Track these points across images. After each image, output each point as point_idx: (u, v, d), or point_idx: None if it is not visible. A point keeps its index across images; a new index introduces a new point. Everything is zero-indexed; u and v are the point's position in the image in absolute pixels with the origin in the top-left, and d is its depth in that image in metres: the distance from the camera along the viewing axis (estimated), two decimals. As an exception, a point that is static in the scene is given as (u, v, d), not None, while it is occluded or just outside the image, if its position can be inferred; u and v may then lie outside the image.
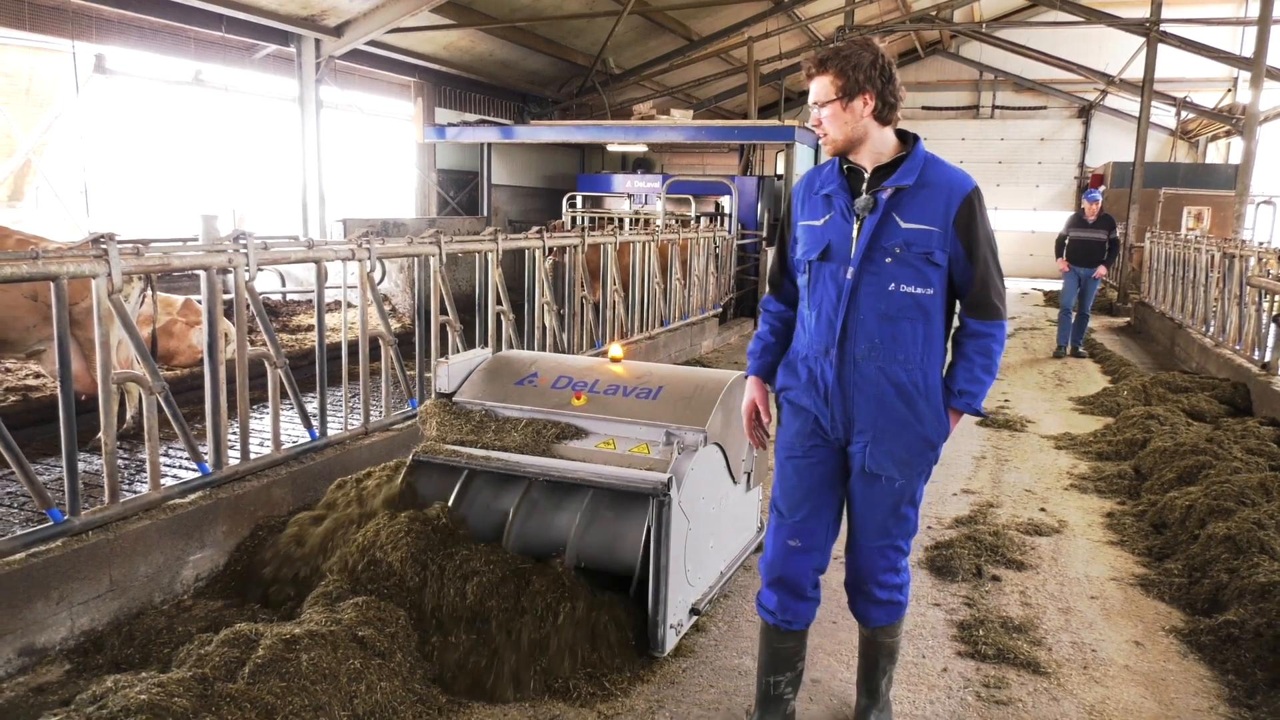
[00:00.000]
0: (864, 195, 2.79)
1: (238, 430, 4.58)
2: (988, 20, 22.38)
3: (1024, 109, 26.29)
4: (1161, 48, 16.54)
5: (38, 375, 7.26)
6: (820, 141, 2.83)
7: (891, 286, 2.76)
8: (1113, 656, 3.86)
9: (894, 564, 3.00)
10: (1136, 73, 18.11)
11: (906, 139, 2.84)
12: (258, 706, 2.76)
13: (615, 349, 4.53)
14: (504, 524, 3.88)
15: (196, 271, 4.37)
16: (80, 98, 11.27)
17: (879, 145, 2.79)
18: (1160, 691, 3.59)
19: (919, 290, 2.76)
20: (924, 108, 26.92)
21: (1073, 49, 22.83)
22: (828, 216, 2.86)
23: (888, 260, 2.75)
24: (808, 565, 3.01)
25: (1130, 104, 21.76)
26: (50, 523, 3.56)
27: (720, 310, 12.26)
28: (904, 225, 2.74)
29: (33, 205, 11.83)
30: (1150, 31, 16.42)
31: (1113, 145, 24.75)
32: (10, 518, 4.58)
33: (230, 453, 4.48)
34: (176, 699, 2.67)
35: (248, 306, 4.50)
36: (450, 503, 3.97)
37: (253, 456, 4.59)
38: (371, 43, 13.99)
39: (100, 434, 3.86)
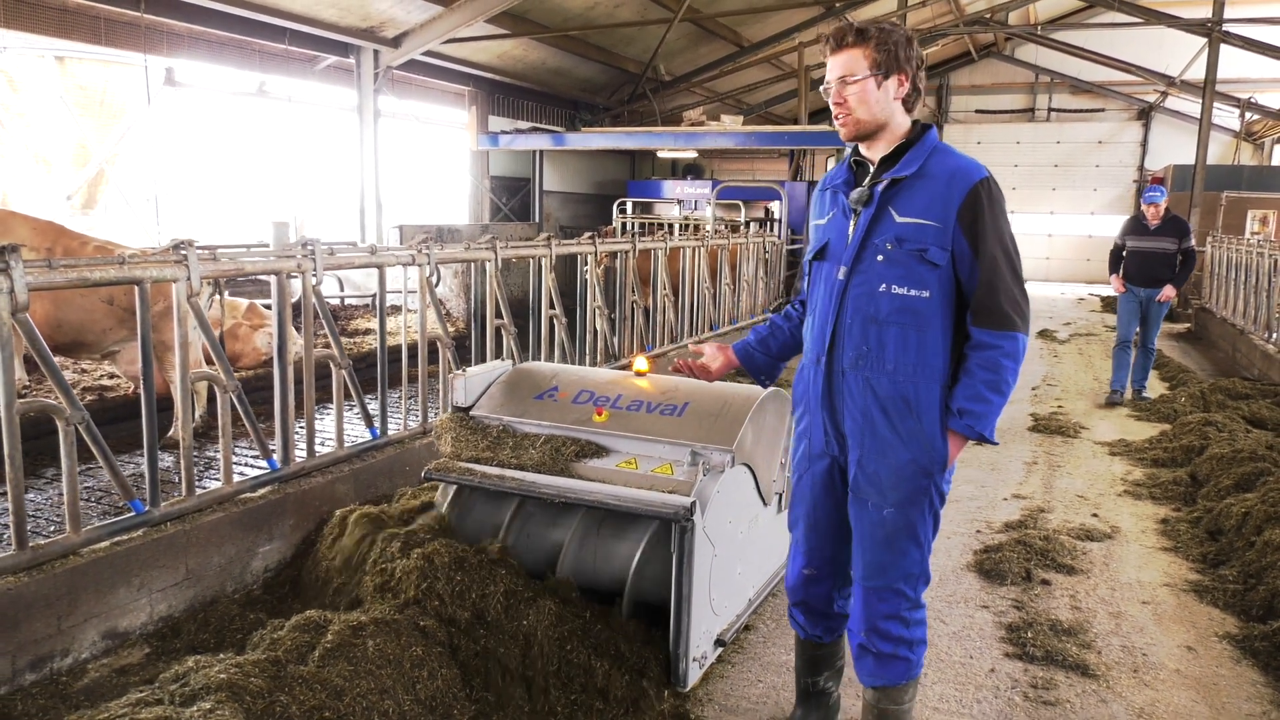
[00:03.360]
0: (861, 188, 2.59)
1: (304, 429, 4.77)
2: (1043, 22, 22.06)
3: (1081, 111, 25.83)
4: (1224, 48, 16.20)
5: (112, 376, 7.58)
6: (837, 123, 2.57)
7: (881, 288, 2.52)
8: (1163, 661, 3.85)
9: (895, 611, 2.67)
10: (1198, 74, 17.72)
11: (916, 129, 2.60)
12: (327, 688, 2.91)
13: (640, 362, 4.19)
14: (499, 531, 3.90)
15: (262, 276, 4.57)
16: (151, 109, 11.71)
17: (896, 134, 2.57)
18: (1212, 696, 3.58)
19: (911, 292, 2.50)
20: (978, 111, 26.62)
21: (1132, 50, 22.40)
22: (831, 214, 2.69)
23: (878, 259, 2.52)
24: (828, 590, 2.92)
25: (1192, 105, 21.32)
26: (133, 513, 3.77)
27: (769, 315, 12.32)
28: (899, 220, 2.50)
29: (104, 212, 12.32)
30: (1212, 31, 16.09)
31: (1174, 148, 24.18)
32: (89, 510, 4.83)
33: (296, 450, 4.67)
34: (253, 679, 2.83)
35: (314, 311, 4.69)
36: (444, 511, 3.98)
37: (318, 454, 4.78)
38: (428, 53, 14.33)
39: (175, 430, 4.07)
